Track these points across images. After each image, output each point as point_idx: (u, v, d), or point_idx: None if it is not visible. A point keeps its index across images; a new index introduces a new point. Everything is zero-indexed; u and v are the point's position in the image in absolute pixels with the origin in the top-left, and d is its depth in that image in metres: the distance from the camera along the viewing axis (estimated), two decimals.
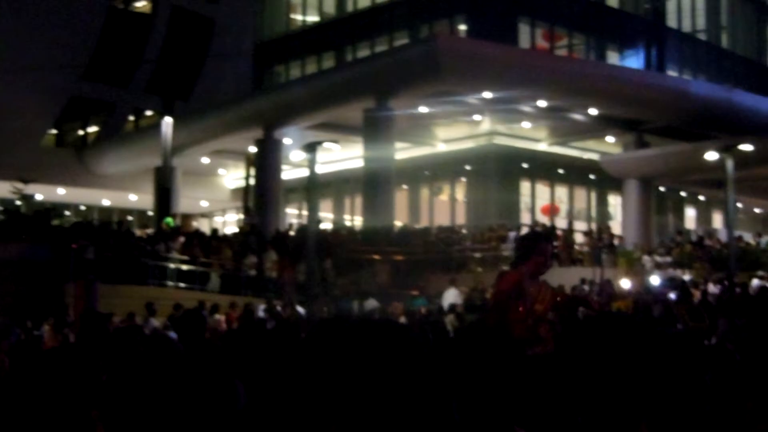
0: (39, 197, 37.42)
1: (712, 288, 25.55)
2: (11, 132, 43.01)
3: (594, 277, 28.44)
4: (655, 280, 27.72)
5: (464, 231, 36.92)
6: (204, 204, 49.91)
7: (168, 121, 37.93)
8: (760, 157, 32.73)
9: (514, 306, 7.36)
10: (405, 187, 41.06)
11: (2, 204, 38.92)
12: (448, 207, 41.68)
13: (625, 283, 27.26)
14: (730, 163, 30.02)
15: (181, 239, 30.94)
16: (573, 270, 30.91)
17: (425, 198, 42.55)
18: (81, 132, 49.95)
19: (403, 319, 20.62)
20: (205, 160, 43.82)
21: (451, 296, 24.66)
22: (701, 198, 46.51)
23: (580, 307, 8.17)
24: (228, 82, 48.89)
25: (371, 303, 24.06)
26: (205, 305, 22.58)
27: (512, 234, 33.83)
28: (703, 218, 47.47)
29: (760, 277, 28.42)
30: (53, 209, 34.34)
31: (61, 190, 46.03)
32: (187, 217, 46.96)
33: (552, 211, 41.90)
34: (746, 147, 30.13)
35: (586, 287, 25.35)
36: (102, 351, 5.46)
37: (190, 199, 45.93)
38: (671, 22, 51.59)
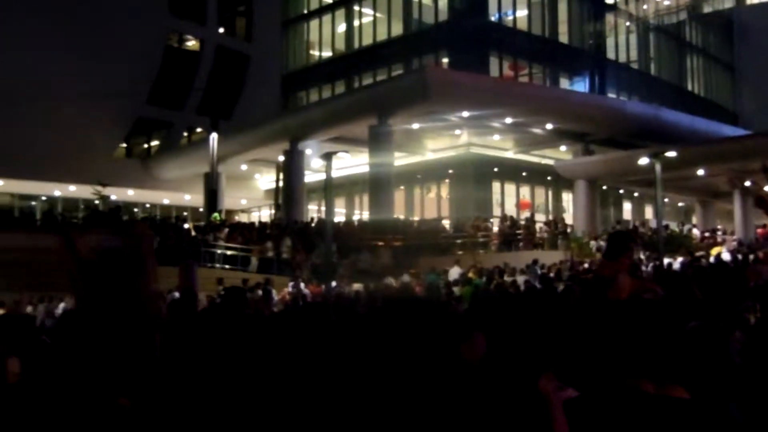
0: (113, 198, 37.46)
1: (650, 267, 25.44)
2: (90, 146, 43.04)
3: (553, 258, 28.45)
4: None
5: (447, 223, 36.94)
6: (243, 202, 49.88)
7: (214, 137, 37.95)
8: (682, 161, 32.69)
9: (606, 290, 7.19)
10: (402, 187, 41.02)
11: (85, 203, 39.09)
12: (435, 203, 41.63)
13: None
14: (658, 167, 29.94)
15: (226, 230, 30.95)
16: (535, 252, 30.92)
17: (417, 196, 42.49)
18: (146, 146, 49.85)
19: (419, 290, 20.71)
20: (244, 166, 43.76)
21: (455, 273, 24.76)
22: (636, 194, 46.39)
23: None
24: (261, 105, 48.79)
25: (387, 280, 24.12)
26: (247, 283, 22.62)
27: (487, 224, 33.95)
28: (638, 211, 47.37)
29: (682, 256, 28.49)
30: (124, 207, 34.31)
31: (130, 192, 45.99)
32: (230, 213, 46.89)
33: (521, 205, 41.93)
34: (671, 154, 30.07)
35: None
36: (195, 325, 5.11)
37: (232, 198, 45.93)
38: (610, 54, 51.45)
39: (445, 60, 44.29)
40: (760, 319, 7.64)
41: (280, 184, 40.43)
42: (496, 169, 40.48)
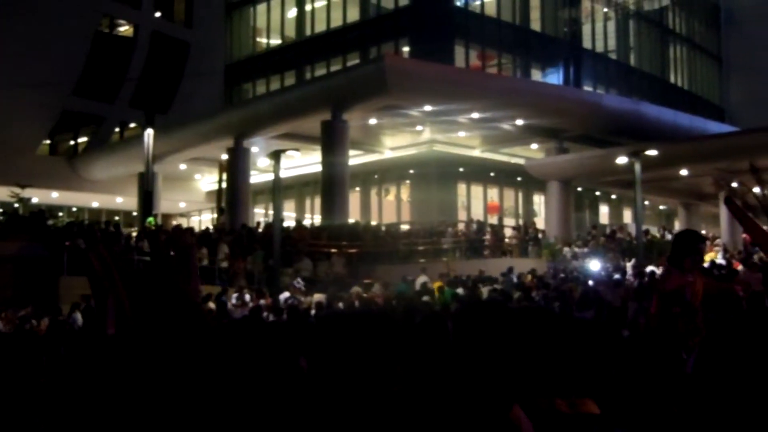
0: (35, 200, 37.07)
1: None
2: (9, 142, 42.54)
3: (521, 266, 28.60)
4: (595, 265, 27.61)
5: (408, 227, 37.00)
6: (182, 205, 49.59)
7: (149, 132, 37.60)
8: (664, 160, 33.11)
9: (676, 305, 7.03)
10: (357, 189, 41.10)
11: (2, 206, 38.58)
12: (394, 206, 41.73)
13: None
14: (637, 166, 30.33)
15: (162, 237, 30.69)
16: (503, 260, 31.11)
17: (375, 198, 42.56)
18: (72, 142, 49.41)
19: (380, 301, 20.71)
20: (183, 166, 43.52)
21: (421, 281, 24.80)
22: (613, 197, 46.89)
23: None
24: (202, 98, 48.57)
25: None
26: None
27: (450, 230, 34.04)
28: (615, 214, 47.87)
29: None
30: (47, 211, 33.96)
31: (54, 194, 45.55)
32: (167, 217, 46.62)
33: (489, 209, 42.15)
34: (652, 152, 30.45)
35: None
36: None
37: (169, 201, 45.64)
38: (586, 43, 51.92)
39: (406, 49, 44.40)
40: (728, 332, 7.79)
41: (223, 185, 40.27)
42: (461, 169, 40.67)
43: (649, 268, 26.76)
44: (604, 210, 48.33)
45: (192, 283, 3.98)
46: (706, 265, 27.04)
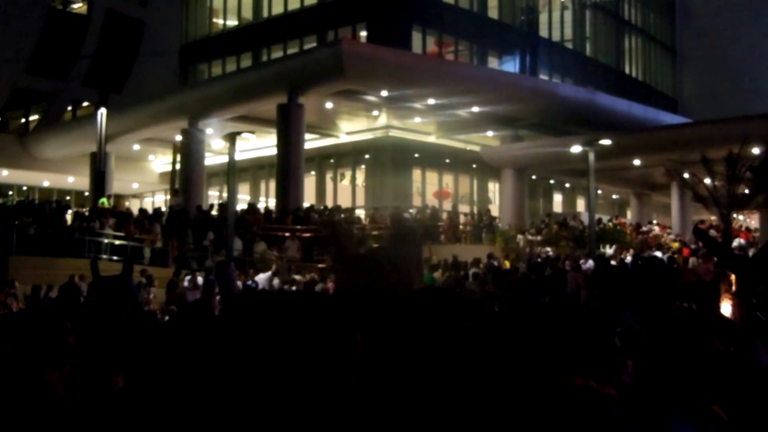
0: None
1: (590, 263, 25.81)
2: None
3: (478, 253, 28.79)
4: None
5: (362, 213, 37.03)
6: (135, 186, 49.14)
7: (103, 112, 37.28)
8: (617, 150, 33.45)
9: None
10: (313, 173, 41.03)
11: None
12: (349, 191, 41.67)
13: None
14: (591, 156, 30.65)
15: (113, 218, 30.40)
16: (457, 246, 31.28)
17: (330, 183, 42.50)
18: (23, 120, 48.82)
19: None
20: (136, 146, 43.10)
21: None
22: (567, 185, 47.22)
23: None
24: (156, 78, 48.16)
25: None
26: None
27: (405, 215, 34.09)
28: (569, 203, 48.21)
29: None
30: None
31: (4, 173, 44.98)
32: (119, 198, 46.17)
33: (442, 195, 42.24)
34: (605, 142, 30.73)
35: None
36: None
37: (122, 182, 45.20)
38: (543, 32, 52.18)
39: (363, 33, 44.30)
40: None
41: (177, 166, 40.01)
42: (416, 155, 40.71)
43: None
44: (557, 198, 48.67)
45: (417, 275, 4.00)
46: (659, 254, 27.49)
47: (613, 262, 25.77)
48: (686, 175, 32.25)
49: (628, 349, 3.49)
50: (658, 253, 27.30)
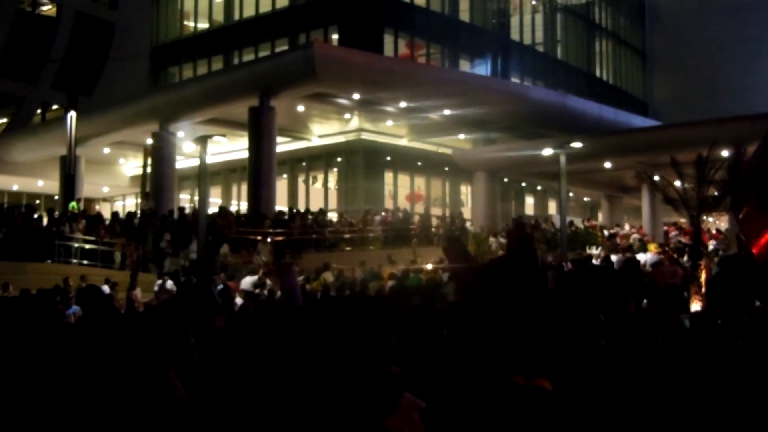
0: None
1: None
2: None
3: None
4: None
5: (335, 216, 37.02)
6: (105, 189, 48.93)
7: (72, 115, 37.07)
8: (588, 153, 33.67)
9: None
10: (285, 176, 41.02)
11: None
12: (321, 194, 41.69)
13: None
14: (563, 159, 30.85)
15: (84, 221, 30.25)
16: (429, 249, 31.33)
17: (302, 186, 42.48)
18: None
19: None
20: (107, 150, 42.88)
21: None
22: (539, 188, 47.46)
23: None
24: (127, 81, 47.95)
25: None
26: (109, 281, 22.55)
27: (377, 218, 34.16)
28: (540, 205, 48.46)
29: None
30: None
31: None
32: (90, 202, 45.91)
33: (414, 198, 42.31)
34: (576, 145, 30.93)
35: None
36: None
37: (92, 185, 44.99)
38: (514, 35, 52.43)
39: (335, 36, 44.31)
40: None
41: (148, 170, 39.85)
42: (388, 158, 40.79)
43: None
44: (529, 201, 48.90)
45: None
46: (650, 256, 27.65)
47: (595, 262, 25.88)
48: (656, 178, 32.39)
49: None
50: (641, 256, 27.36)
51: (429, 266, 25.99)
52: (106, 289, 21.59)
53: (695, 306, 17.90)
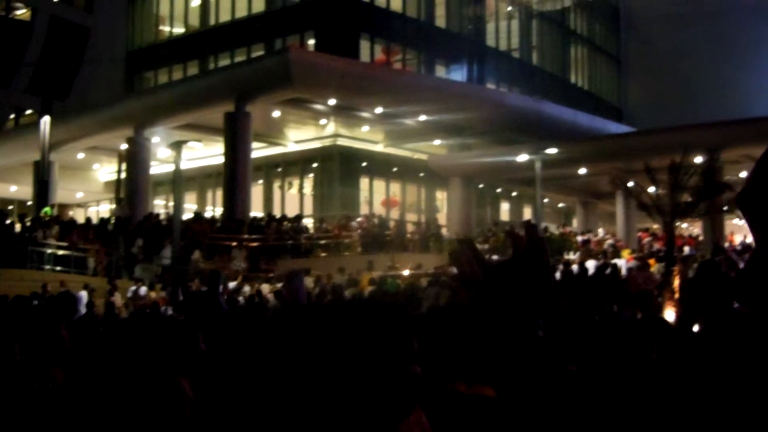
0: None
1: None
2: None
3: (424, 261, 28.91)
4: None
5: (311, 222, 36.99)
6: (79, 195, 48.63)
7: (46, 120, 36.93)
8: (563, 159, 33.81)
9: None
10: (260, 181, 40.92)
11: None
12: (297, 200, 41.62)
13: None
14: (538, 165, 31.00)
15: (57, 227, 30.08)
16: (405, 255, 31.36)
17: (277, 191, 42.41)
18: None
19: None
20: (81, 155, 42.67)
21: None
22: (514, 194, 47.53)
23: None
24: (102, 86, 47.70)
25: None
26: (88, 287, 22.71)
27: (354, 224, 34.14)
28: (516, 211, 48.53)
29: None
30: None
31: None
32: (63, 207, 45.62)
33: (390, 204, 42.31)
34: (552, 151, 31.08)
35: None
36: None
37: (66, 191, 44.69)
38: (490, 41, 52.55)
39: (311, 41, 44.27)
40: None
41: (123, 175, 39.67)
42: (364, 164, 40.78)
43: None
44: (505, 207, 48.97)
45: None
46: (622, 262, 27.74)
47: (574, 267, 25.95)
48: (631, 184, 32.65)
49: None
50: (620, 261, 27.42)
51: (406, 272, 26.07)
52: (84, 295, 21.56)
53: (669, 312, 18.00)
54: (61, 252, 28.01)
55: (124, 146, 38.43)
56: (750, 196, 1.78)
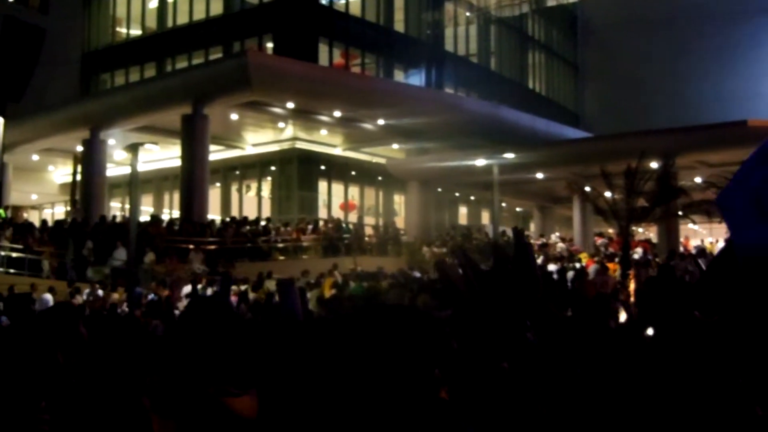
0: None
1: None
2: None
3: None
4: None
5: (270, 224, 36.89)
6: (34, 197, 48.12)
7: (0, 122, 36.48)
8: (521, 164, 34.04)
9: None
10: (218, 184, 40.75)
11: None
12: (255, 202, 41.52)
13: None
14: (496, 169, 31.16)
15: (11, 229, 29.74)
16: (365, 258, 31.38)
17: (235, 194, 42.26)
18: None
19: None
20: (36, 157, 42.24)
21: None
22: (472, 198, 47.75)
23: None
24: (57, 87, 47.20)
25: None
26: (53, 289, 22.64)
27: (311, 227, 34.10)
28: (474, 215, 48.77)
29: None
30: None
31: None
32: (18, 209, 45.11)
33: (348, 207, 42.29)
34: (509, 155, 31.28)
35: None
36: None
37: (20, 193, 44.25)
38: (449, 46, 52.73)
39: (270, 45, 44.17)
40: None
41: (78, 177, 39.31)
42: (323, 167, 40.78)
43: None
44: (463, 211, 49.20)
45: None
46: (578, 266, 27.95)
47: None
48: (587, 189, 32.95)
49: None
50: (578, 265, 27.66)
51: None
52: (49, 297, 21.34)
53: (623, 315, 18.13)
54: (14, 254, 27.67)
55: (79, 148, 38.11)
56: (729, 196, 1.81)
